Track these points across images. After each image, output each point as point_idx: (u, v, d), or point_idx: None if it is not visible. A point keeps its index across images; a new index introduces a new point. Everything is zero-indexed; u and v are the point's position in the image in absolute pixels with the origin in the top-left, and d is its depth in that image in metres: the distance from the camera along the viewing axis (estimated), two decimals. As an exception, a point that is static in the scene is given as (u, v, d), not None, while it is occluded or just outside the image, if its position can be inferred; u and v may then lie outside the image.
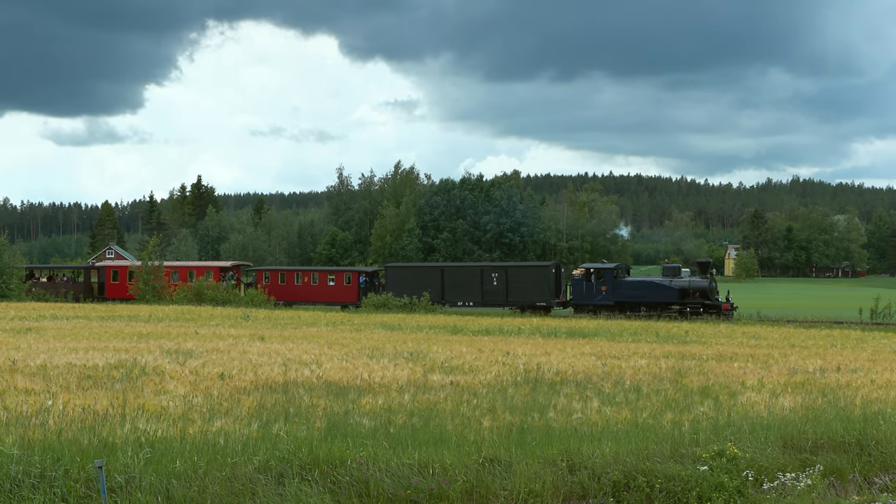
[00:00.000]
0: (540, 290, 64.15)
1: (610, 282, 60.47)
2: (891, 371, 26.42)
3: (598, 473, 12.76)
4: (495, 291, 65.21)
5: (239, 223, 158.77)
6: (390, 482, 11.53)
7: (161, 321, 46.51)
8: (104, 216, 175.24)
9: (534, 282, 64.59)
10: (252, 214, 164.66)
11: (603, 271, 61.26)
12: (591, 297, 60.74)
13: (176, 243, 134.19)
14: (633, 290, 60.79)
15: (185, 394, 18.74)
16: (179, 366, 23.84)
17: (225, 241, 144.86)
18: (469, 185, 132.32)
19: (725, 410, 17.69)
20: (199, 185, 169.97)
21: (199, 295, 69.09)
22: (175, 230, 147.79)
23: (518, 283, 64.70)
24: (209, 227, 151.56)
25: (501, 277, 65.16)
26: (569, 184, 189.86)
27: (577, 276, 62.04)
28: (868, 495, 13.93)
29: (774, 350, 34.21)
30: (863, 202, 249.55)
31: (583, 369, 25.20)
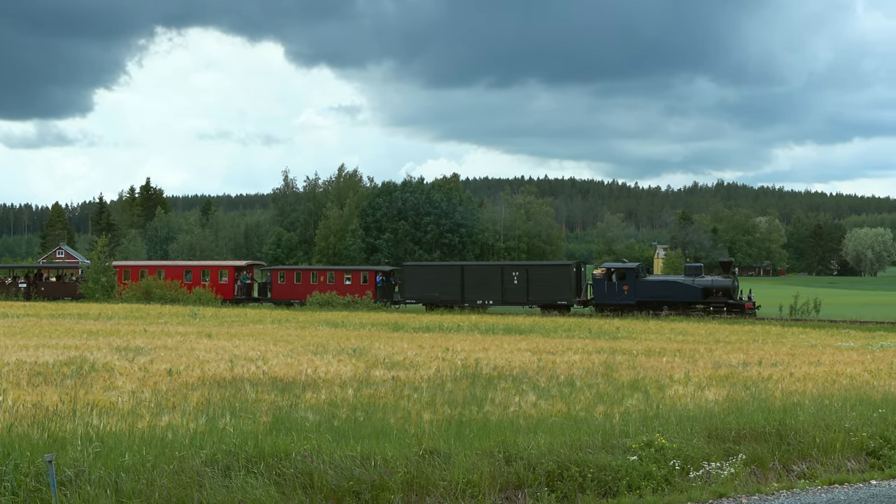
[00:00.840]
0: (561, 289, 61.80)
1: (632, 281, 58.67)
2: (808, 365, 26.73)
3: (533, 464, 12.78)
4: (516, 290, 62.89)
5: (187, 224, 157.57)
6: (334, 474, 11.48)
7: (111, 319, 46.05)
8: (54, 217, 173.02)
9: (555, 281, 62.24)
10: (200, 215, 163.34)
11: (625, 271, 59.52)
12: (613, 297, 59.05)
13: (125, 244, 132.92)
14: (656, 290, 59.11)
15: (134, 390, 18.58)
16: (128, 362, 23.63)
17: (173, 241, 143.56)
18: (410, 188, 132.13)
19: (654, 403, 17.81)
20: (148, 186, 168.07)
21: (148, 293, 68.34)
22: (124, 231, 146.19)
23: (539, 282, 62.41)
24: (158, 227, 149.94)
25: (522, 276, 62.89)
26: (506, 186, 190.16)
27: (598, 276, 60.26)
28: (787, 482, 14.08)
29: (700, 345, 34.50)
30: (783, 205, 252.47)
31: (519, 364, 25.27)
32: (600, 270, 61.10)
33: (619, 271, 59.57)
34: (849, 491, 13.52)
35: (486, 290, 63.58)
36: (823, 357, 29.74)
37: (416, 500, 11.78)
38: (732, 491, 13.20)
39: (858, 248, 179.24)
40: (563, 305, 61.58)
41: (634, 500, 12.45)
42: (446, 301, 64.38)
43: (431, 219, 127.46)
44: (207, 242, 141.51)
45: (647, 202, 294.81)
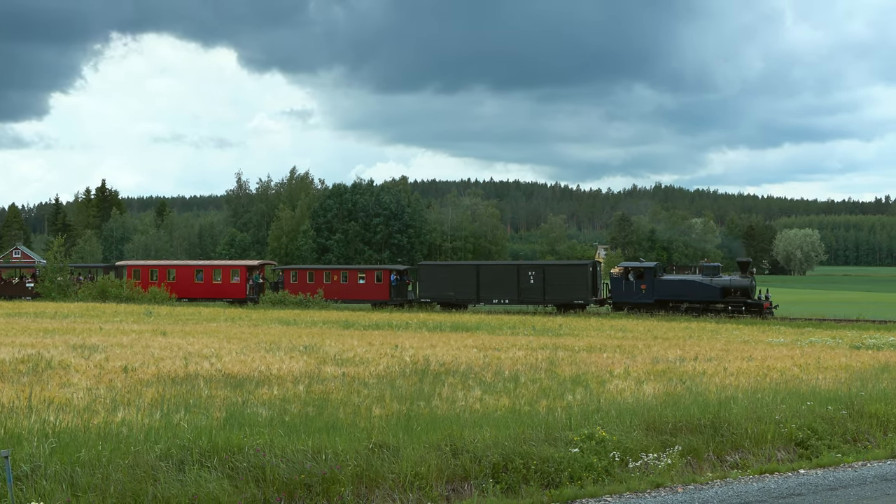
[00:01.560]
0: (578, 289, 60.44)
1: (650, 280, 57.45)
2: (741, 360, 26.96)
3: (479, 456, 12.80)
4: (532, 289, 61.34)
5: (142, 225, 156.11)
6: (285, 467, 11.44)
7: (66, 317, 45.55)
8: (11, 218, 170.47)
9: (572, 280, 60.78)
10: (154, 216, 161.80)
11: (642, 270, 58.31)
12: (631, 295, 57.83)
13: (81, 244, 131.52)
14: (674, 289, 57.68)
15: (90, 386, 18.41)
16: (84, 360, 23.39)
17: (128, 241, 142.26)
18: (360, 190, 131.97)
19: (595, 397, 17.89)
20: (104, 188, 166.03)
21: (104, 292, 67.53)
22: (80, 231, 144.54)
23: (556, 282, 60.83)
24: (113, 228, 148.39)
25: (539, 276, 61.33)
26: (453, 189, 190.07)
27: (616, 275, 58.95)
28: (721, 472, 14.20)
29: (639, 341, 34.71)
30: (717, 206, 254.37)
31: (466, 361, 25.29)
32: (618, 269, 59.76)
33: (637, 270, 58.40)
34: (779, 480, 13.67)
35: (501, 290, 62.15)
36: (755, 352, 30.02)
37: (365, 492, 11.75)
38: (669, 481, 13.30)
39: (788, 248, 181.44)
40: (580, 304, 60.37)
41: (576, 490, 12.50)
42: (462, 300, 63.00)
43: (381, 220, 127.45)
44: (162, 243, 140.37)
45: (588, 204, 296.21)
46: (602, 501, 12.20)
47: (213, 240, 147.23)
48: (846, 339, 37.92)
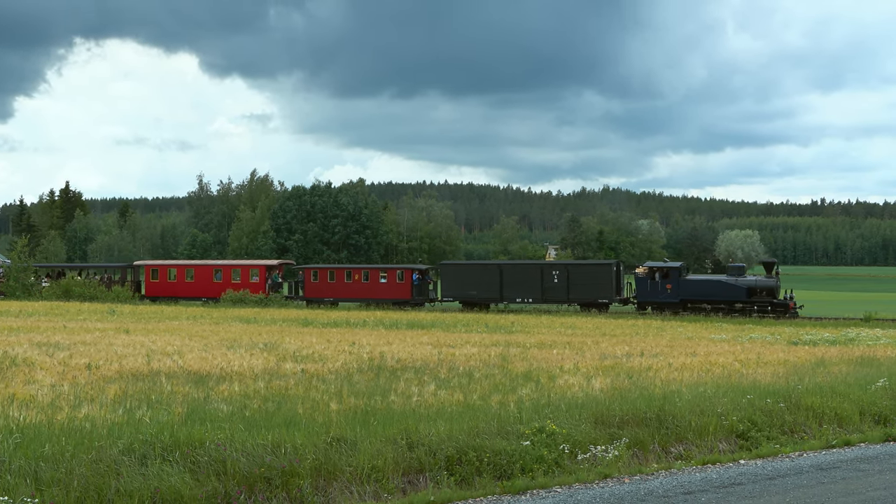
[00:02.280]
0: (602, 288, 58.73)
1: (675, 280, 55.77)
2: (685, 355, 27.14)
3: (434, 450, 12.81)
4: (556, 289, 59.47)
5: (105, 226, 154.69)
6: (246, 461, 11.38)
7: (31, 316, 45.02)
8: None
9: (596, 279, 59.07)
10: (118, 217, 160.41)
11: (668, 270, 56.59)
12: (656, 295, 56.11)
13: (45, 244, 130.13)
14: (700, 289, 56.17)
15: (54, 383, 18.23)
16: (48, 357, 23.15)
17: (92, 242, 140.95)
18: (319, 192, 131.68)
19: (545, 392, 17.95)
20: (68, 190, 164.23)
21: (68, 291, 66.77)
22: (44, 232, 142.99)
23: (580, 281, 59.07)
24: (77, 229, 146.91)
25: (563, 275, 59.54)
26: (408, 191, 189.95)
27: (641, 275, 57.20)
28: (665, 463, 14.30)
29: (588, 338, 34.85)
30: (662, 208, 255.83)
31: (421, 357, 25.28)
32: (643, 269, 58.20)
33: (663, 270, 56.84)
34: (720, 470, 13.78)
35: (525, 289, 60.35)
36: (699, 348, 30.22)
37: (324, 485, 11.72)
38: (616, 472, 13.37)
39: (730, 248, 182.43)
40: (604, 304, 58.84)
41: (527, 481, 12.54)
42: (485, 299, 61.43)
43: (339, 221, 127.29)
44: (125, 243, 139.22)
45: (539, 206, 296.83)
46: (552, 492, 12.24)
47: (175, 240, 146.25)
48: (784, 335, 38.28)
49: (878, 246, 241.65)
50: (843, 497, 12.01)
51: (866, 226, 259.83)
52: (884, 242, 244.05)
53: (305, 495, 11.33)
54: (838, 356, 27.11)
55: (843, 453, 15.35)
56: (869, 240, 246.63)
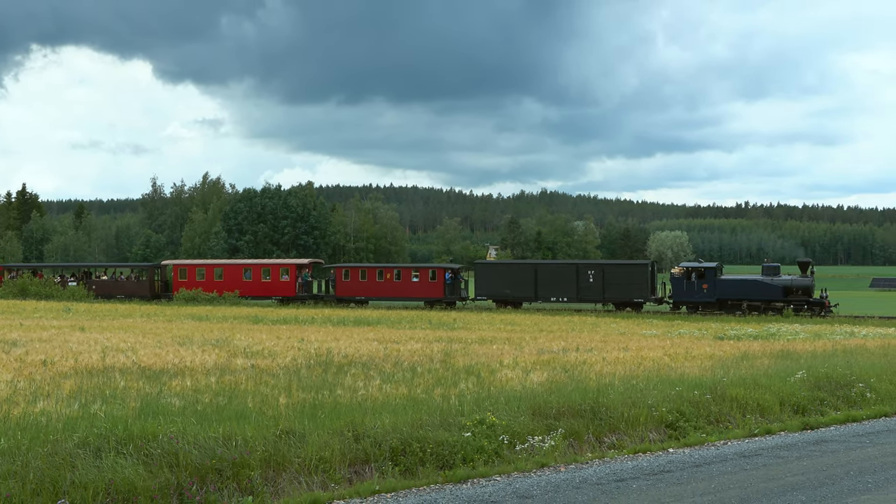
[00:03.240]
0: (637, 287, 57.12)
1: (711, 279, 54.33)
2: (618, 350, 27.33)
3: (379, 441, 12.80)
4: (591, 288, 57.88)
5: (61, 227, 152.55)
6: (198, 453, 11.30)
7: (-11, 314, 44.30)
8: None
9: (631, 279, 57.44)
10: (73, 219, 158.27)
11: (704, 270, 54.95)
12: (692, 294, 54.69)
13: (2, 244, 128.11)
14: (736, 288, 54.60)
15: (10, 379, 17.95)
16: (5, 354, 22.82)
17: (48, 242, 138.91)
18: (269, 194, 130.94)
19: (486, 385, 17.98)
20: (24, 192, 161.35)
21: (24, 290, 65.68)
22: (1, 232, 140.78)
23: (615, 281, 57.45)
24: (33, 230, 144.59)
25: (598, 275, 57.93)
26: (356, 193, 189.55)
27: (677, 275, 55.49)
28: (599, 452, 14.40)
29: (526, 334, 34.98)
30: (597, 211, 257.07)
31: (367, 353, 25.23)
32: (678, 269, 56.45)
33: (699, 270, 55.18)
34: (651, 458, 13.91)
35: (560, 288, 58.66)
36: (631, 343, 30.44)
37: (273, 475, 11.67)
38: (553, 461, 13.44)
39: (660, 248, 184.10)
40: (638, 303, 57.30)
41: (468, 471, 12.56)
42: (519, 298, 59.70)
43: (288, 222, 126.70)
44: (81, 243, 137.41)
45: (480, 208, 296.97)
46: (492, 481, 12.28)
47: (130, 240, 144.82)
48: (711, 330, 38.71)
49: (798, 246, 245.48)
50: (764, 482, 12.17)
51: (787, 227, 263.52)
52: (803, 242, 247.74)
53: (255, 486, 11.27)
54: (761, 350, 27.44)
55: (764, 441, 15.56)
56: (789, 240, 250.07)
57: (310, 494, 11.31)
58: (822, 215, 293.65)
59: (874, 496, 11.42)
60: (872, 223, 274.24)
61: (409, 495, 11.48)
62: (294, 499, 11.14)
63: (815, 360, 23.37)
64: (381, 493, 11.56)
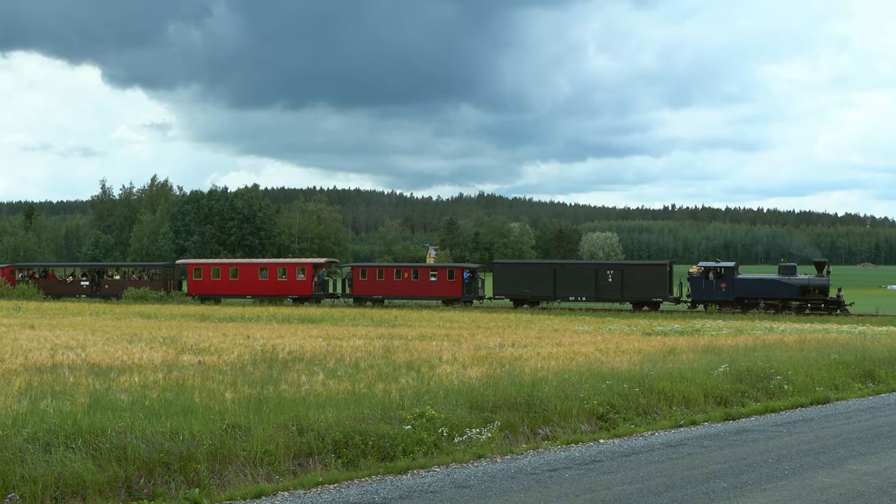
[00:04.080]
0: (655, 287, 56.36)
1: (729, 279, 53.74)
2: (552, 346, 27.47)
3: (322, 434, 12.75)
4: (610, 288, 56.92)
5: (11, 227, 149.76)
6: (146, 447, 11.17)
7: (-61, 313, 43.39)
8: None
9: (650, 279, 56.66)
10: (23, 219, 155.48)
11: (722, 270, 54.36)
12: (711, 294, 54.15)
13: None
14: (754, 287, 53.97)
15: (-39, 377, 17.59)
16: (-44, 352, 22.35)
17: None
18: (216, 196, 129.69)
19: (425, 380, 17.97)
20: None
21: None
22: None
23: (634, 281, 56.67)
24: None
25: (617, 275, 57.05)
26: (300, 195, 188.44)
27: (696, 274, 54.88)
28: (534, 443, 14.47)
29: (464, 331, 35.02)
30: (532, 212, 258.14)
31: (311, 349, 25.11)
32: (697, 269, 55.71)
33: (717, 270, 54.65)
34: (582, 449, 14.01)
35: (579, 288, 57.69)
36: (564, 339, 30.62)
37: (219, 468, 11.58)
38: (490, 452, 13.48)
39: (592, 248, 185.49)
40: (656, 303, 56.58)
41: (409, 462, 12.56)
42: (538, 297, 58.68)
43: (234, 223, 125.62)
44: (31, 244, 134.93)
45: (420, 209, 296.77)
46: (431, 472, 12.29)
47: (79, 241, 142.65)
48: (639, 327, 39.07)
49: (721, 246, 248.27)
50: (689, 470, 12.32)
51: (710, 228, 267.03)
52: (725, 243, 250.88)
53: (202, 478, 11.18)
54: (686, 345, 27.75)
55: (689, 432, 15.74)
56: (713, 241, 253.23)
57: (255, 486, 11.23)
58: (743, 217, 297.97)
59: (791, 482, 11.62)
60: (790, 225, 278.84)
61: (351, 486, 11.44)
62: (239, 491, 11.06)
63: (737, 355, 23.70)
64: (324, 484, 11.51)
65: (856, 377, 22.66)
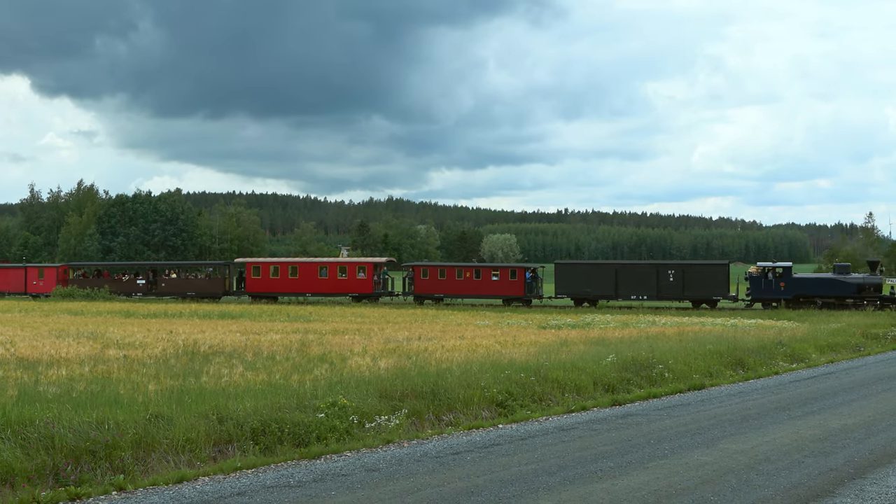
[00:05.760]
0: (715, 286, 54.39)
1: (788, 278, 52.14)
2: (456, 339, 27.59)
3: (241, 423, 12.61)
4: (671, 287, 54.80)
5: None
6: (72, 437, 10.92)
7: None
8: None
9: (710, 278, 54.67)
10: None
11: (781, 269, 52.65)
12: (770, 292, 52.33)
13: None
14: (811, 286, 52.57)
15: None
16: None
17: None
18: (140, 200, 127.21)
19: (338, 371, 17.93)
20: None
21: None
22: None
23: (694, 280, 54.61)
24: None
25: (678, 274, 54.93)
26: (220, 199, 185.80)
27: (755, 274, 53.21)
28: (438, 429, 14.51)
29: (375, 325, 34.97)
30: (437, 215, 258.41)
31: (231, 343, 24.82)
32: (756, 269, 54.03)
33: (775, 270, 52.92)
34: (483, 434, 14.10)
35: (640, 287, 55.45)
36: (466, 333, 30.79)
37: (143, 456, 11.38)
38: (397, 438, 13.49)
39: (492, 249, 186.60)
40: (715, 301, 54.40)
41: (322, 448, 12.50)
42: (599, 297, 56.30)
43: (158, 225, 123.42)
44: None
45: (333, 213, 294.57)
46: (343, 456, 12.25)
47: (9, 242, 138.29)
48: (535, 321, 39.45)
49: (609, 248, 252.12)
50: (580, 452, 12.49)
51: (600, 231, 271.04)
52: (613, 244, 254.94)
53: (127, 465, 10.98)
54: (578, 338, 28.13)
55: (580, 416, 15.95)
56: (602, 242, 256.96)
57: (177, 472, 11.07)
58: (629, 221, 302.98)
59: (670, 460, 11.88)
60: (671, 227, 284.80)
61: (268, 471, 11.35)
62: (162, 476, 10.88)
63: (624, 346, 24.10)
64: (242, 469, 11.39)
65: (728, 365, 23.20)
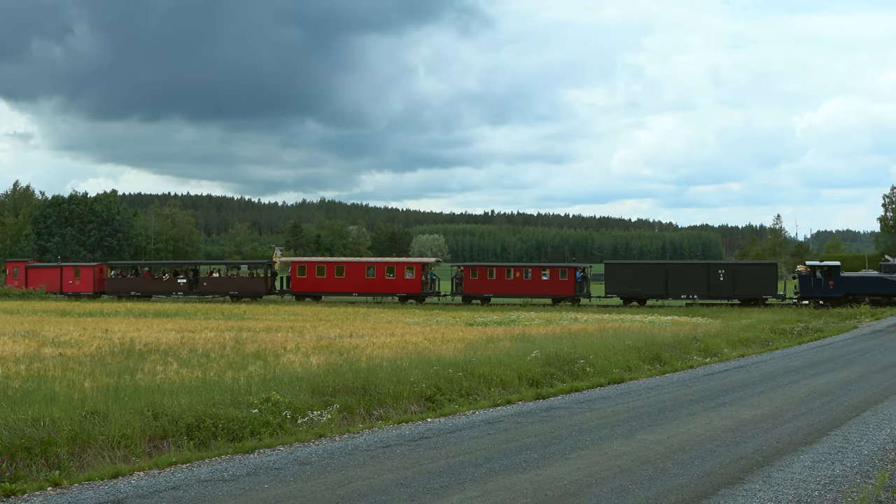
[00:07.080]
0: (765, 285, 53.55)
1: (836, 277, 51.88)
2: (386, 336, 27.60)
3: (176, 419, 12.44)
4: (721, 286, 53.79)
5: None
6: (8, 434, 10.65)
7: None
8: None
9: (759, 277, 53.84)
10: None
11: (829, 268, 52.41)
12: (820, 290, 51.84)
13: None
14: (860, 284, 52.07)
15: None
16: None
17: None
18: (76, 201, 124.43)
19: (271, 368, 17.80)
20: None
21: None
22: None
23: (744, 279, 53.71)
24: None
25: (728, 274, 54.09)
26: (155, 200, 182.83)
27: (804, 273, 52.81)
28: (369, 423, 14.48)
29: (308, 323, 34.78)
30: (368, 217, 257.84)
31: (166, 341, 24.45)
32: (804, 268, 53.77)
33: (824, 269, 52.59)
34: (412, 427, 14.12)
35: (690, 286, 54.43)
36: (396, 330, 30.79)
37: (79, 451, 11.15)
38: (329, 432, 13.43)
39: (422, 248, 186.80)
40: (763, 299, 53.41)
41: (255, 443, 12.39)
42: (649, 296, 55.28)
43: (94, 226, 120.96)
44: None
45: (267, 214, 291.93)
46: (276, 450, 12.16)
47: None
48: (463, 318, 39.61)
49: (534, 247, 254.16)
50: (505, 444, 12.58)
51: (525, 232, 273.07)
52: (537, 244, 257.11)
53: (62, 461, 10.75)
54: (503, 334, 28.32)
55: (505, 410, 16.04)
56: (527, 242, 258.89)
57: (112, 467, 10.87)
58: (552, 222, 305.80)
59: (590, 451, 12.03)
60: (591, 228, 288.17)
61: (202, 465, 11.21)
62: (98, 472, 10.68)
63: (547, 342, 24.31)
64: (177, 464, 11.23)
65: (645, 360, 23.53)
